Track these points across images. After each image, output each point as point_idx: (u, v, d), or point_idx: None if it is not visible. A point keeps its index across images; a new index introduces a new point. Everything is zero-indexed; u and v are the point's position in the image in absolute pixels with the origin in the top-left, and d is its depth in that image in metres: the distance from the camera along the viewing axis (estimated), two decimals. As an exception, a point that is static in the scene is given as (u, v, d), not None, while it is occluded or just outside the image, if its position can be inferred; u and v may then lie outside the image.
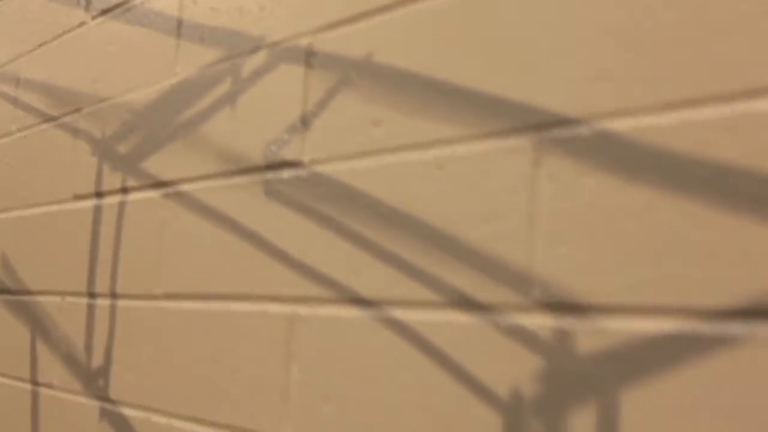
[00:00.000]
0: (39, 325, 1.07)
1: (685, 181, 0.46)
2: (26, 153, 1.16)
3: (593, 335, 0.49)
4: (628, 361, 0.47)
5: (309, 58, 0.72)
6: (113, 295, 0.93)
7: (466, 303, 0.56)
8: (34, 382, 1.07)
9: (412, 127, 0.62)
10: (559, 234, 0.52)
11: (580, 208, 0.51)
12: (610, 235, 0.49)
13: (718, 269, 0.44)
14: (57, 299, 1.04)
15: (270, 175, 0.74)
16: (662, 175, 0.47)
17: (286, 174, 0.72)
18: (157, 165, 0.88)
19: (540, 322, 0.52)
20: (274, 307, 0.72)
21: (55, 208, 1.07)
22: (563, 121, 0.52)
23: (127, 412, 0.89)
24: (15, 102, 1.20)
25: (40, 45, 1.16)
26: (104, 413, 0.92)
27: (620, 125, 0.50)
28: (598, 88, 0.51)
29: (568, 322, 0.51)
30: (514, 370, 0.53)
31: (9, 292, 1.16)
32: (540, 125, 0.54)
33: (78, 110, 1.04)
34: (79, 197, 1.02)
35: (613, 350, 0.48)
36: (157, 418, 0.84)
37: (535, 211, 0.53)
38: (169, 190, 0.86)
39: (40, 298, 1.08)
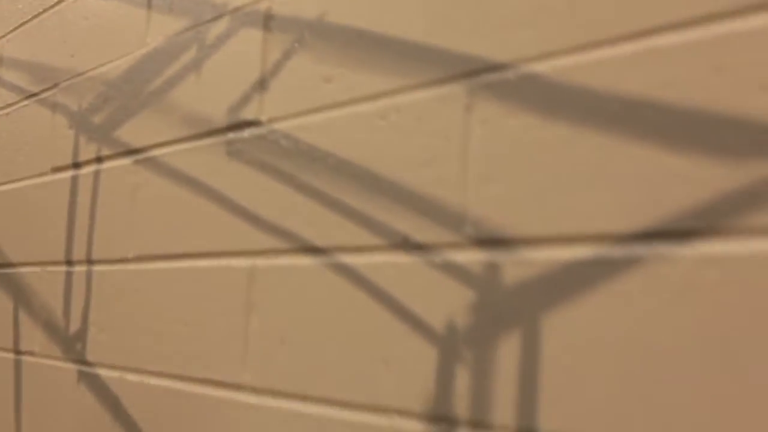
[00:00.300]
0: (21, 296, 1.10)
1: (598, 115, 0.49)
2: (8, 130, 1.19)
3: (519, 266, 0.52)
4: (549, 288, 0.50)
5: (267, 21, 0.75)
6: (89, 262, 0.97)
7: (406, 244, 0.59)
8: (17, 351, 1.10)
9: (360, 82, 0.65)
10: (489, 174, 0.54)
11: (507, 147, 0.54)
12: (532, 171, 0.52)
13: (627, 196, 0.47)
14: (37, 269, 1.07)
15: (231, 136, 0.77)
16: (578, 111, 0.50)
17: (246, 133, 0.75)
18: (130, 133, 0.91)
19: (472, 258, 0.55)
20: (235, 262, 0.75)
21: (35, 181, 1.10)
22: (492, 67, 0.55)
23: (102, 372, 0.92)
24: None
25: (21, 24, 1.19)
26: (82, 376, 0.95)
27: (542, 67, 0.52)
28: (523, 35, 0.54)
29: (496, 256, 0.53)
30: (448, 304, 0.56)
31: (-7, 265, 1.19)
32: (472, 72, 0.56)
33: (56, 85, 1.07)
34: (57, 169, 1.05)
35: (536, 279, 0.51)
36: (130, 377, 0.87)
37: (468, 153, 0.56)
38: (140, 156, 0.89)
39: (22, 270, 1.11)
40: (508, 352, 0.52)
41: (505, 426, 0.51)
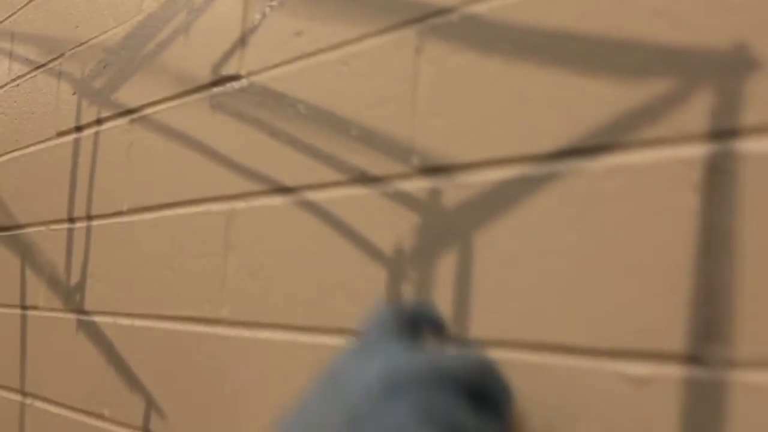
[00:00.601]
0: (28, 255, 1.17)
1: (526, 48, 0.54)
2: (18, 100, 1.26)
3: (457, 189, 0.57)
4: (481, 208, 0.55)
5: (248, -16, 0.80)
6: (89, 218, 1.03)
7: (362, 178, 0.64)
8: (23, 307, 1.17)
9: (327, 33, 0.70)
10: (434, 109, 0.59)
11: (450, 84, 0.59)
12: (471, 104, 0.57)
13: (546, 119, 0.52)
14: (42, 228, 1.14)
15: (215, 90, 0.82)
16: (510, 46, 0.55)
17: (228, 88, 0.81)
18: (126, 95, 0.97)
19: (417, 185, 0.60)
20: (215, 206, 0.80)
21: (41, 147, 1.17)
22: (438, 12, 0.60)
23: (98, 319, 0.98)
24: (10, 55, 1.30)
25: (30, 1, 1.25)
26: (80, 324, 1.01)
27: (480, 9, 0.57)
28: (464, -21, 0.59)
29: (438, 182, 0.58)
30: (397, 229, 0.61)
31: (2, 228, 1.25)
32: (421, 17, 0.62)
33: (62, 55, 1.14)
34: (61, 134, 1.12)
35: (471, 200, 0.56)
36: (121, 321, 0.93)
37: (417, 91, 0.61)
38: (135, 116, 0.95)
39: (29, 230, 1.17)
40: (446, 269, 0.57)
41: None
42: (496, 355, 0.52)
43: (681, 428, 0.44)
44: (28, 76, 1.24)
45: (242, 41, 0.80)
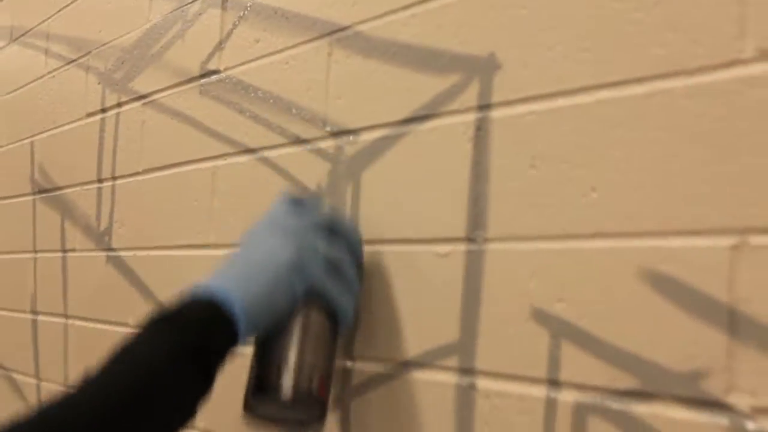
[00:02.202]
0: (66, 210, 1.50)
1: (389, 54, 0.85)
2: (54, 89, 1.58)
3: (352, 146, 0.88)
4: (366, 157, 0.86)
5: (224, 3, 1.12)
6: (113, 178, 1.35)
7: (297, 140, 0.96)
8: (63, 250, 1.50)
9: (275, 41, 1.01)
10: (339, 93, 0.91)
11: (348, 76, 0.90)
12: (361, 90, 0.88)
13: (399, 98, 0.83)
14: (77, 189, 1.46)
15: (203, 81, 1.14)
16: (381, 52, 0.86)
17: (212, 79, 1.12)
18: (139, 84, 1.29)
19: (330, 144, 0.91)
20: (204, 164, 1.12)
21: (74, 125, 1.49)
22: (341, 29, 0.91)
23: (122, 254, 1.31)
24: (46, 52, 1.63)
25: (64, 7, 1.57)
26: (108, 259, 1.34)
27: (365, 27, 0.88)
28: (356, 8, 0.90)
29: (341, 141, 0.90)
30: (317, 174, 0.93)
31: (46, 191, 1.58)
32: (331, 32, 0.93)
33: (89, 53, 1.46)
34: (90, 114, 1.44)
35: (361, 152, 0.87)
36: (139, 253, 1.26)
37: (329, 82, 0.92)
38: (146, 100, 1.27)
39: (67, 191, 1.50)
40: (346, 198, 0.89)
41: (342, 238, 0.88)
42: (376, 248, 0.84)
43: (464, 279, 0.75)
44: (62, 69, 1.56)
45: (220, 45, 1.11)
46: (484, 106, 0.75)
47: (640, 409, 0.60)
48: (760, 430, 0.53)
